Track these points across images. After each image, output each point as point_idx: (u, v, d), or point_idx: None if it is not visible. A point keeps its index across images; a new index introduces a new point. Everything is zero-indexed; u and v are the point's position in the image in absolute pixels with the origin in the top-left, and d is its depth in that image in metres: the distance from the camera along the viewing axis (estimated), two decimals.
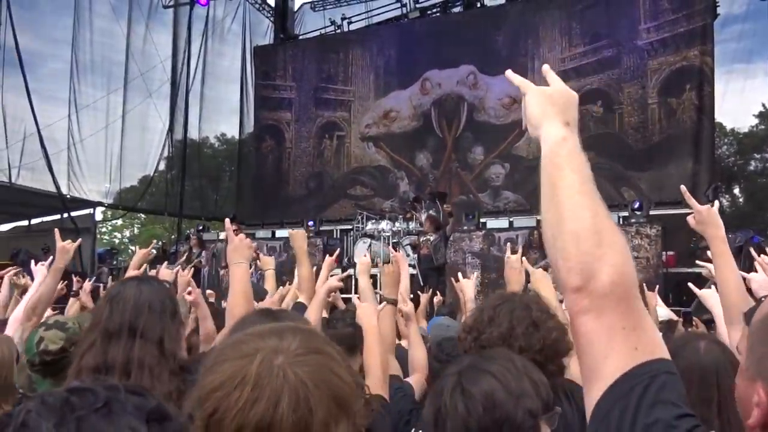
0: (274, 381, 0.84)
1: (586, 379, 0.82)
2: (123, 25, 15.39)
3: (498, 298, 1.84)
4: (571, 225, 0.88)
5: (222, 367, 0.87)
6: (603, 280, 0.83)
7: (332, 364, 0.91)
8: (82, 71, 14.63)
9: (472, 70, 15.01)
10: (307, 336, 0.94)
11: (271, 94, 17.62)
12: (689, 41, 12.80)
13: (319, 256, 11.64)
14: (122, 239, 33.67)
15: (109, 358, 1.64)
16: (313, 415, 0.84)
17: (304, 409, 0.83)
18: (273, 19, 19.10)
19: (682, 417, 0.73)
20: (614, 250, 0.86)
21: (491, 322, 1.73)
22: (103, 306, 1.74)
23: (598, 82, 13.73)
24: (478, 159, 14.80)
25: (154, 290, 1.79)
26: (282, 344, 0.89)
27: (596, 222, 0.87)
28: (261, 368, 0.85)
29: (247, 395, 0.83)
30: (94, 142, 14.76)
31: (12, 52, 12.33)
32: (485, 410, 1.24)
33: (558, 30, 14.31)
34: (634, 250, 9.56)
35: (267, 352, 0.87)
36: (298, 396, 0.84)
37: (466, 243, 10.65)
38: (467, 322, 1.86)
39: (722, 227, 2.11)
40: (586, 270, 0.84)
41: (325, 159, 16.69)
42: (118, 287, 1.80)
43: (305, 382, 0.85)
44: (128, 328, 1.68)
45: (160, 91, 16.18)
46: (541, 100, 1.06)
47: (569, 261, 0.86)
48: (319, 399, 0.85)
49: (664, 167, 12.76)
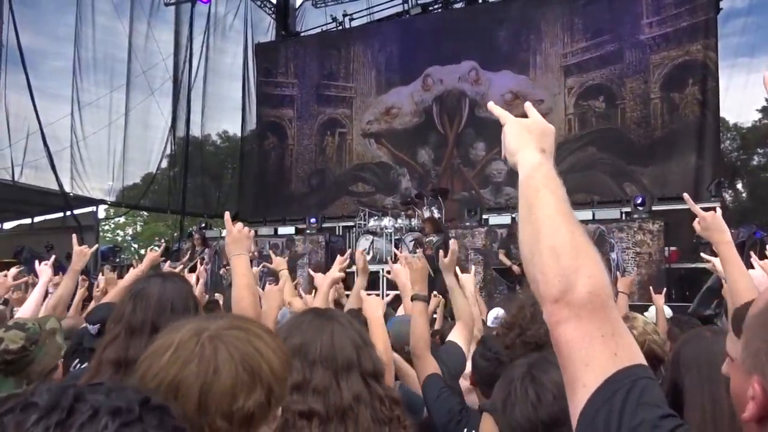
0: (190, 347, 0.96)
1: (570, 387, 0.84)
2: (125, 23, 15.40)
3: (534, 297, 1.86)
4: (548, 241, 0.91)
5: (160, 339, 1.00)
6: (580, 290, 0.86)
7: (255, 340, 1.01)
8: (85, 69, 14.65)
9: (473, 65, 14.99)
10: (237, 318, 1.07)
11: (273, 91, 17.63)
12: (692, 36, 12.77)
13: (322, 253, 11.69)
14: (125, 237, 33.74)
15: (130, 353, 1.66)
16: (218, 377, 0.94)
17: (210, 370, 0.94)
18: (275, 16, 19.10)
19: (665, 417, 0.77)
20: (590, 261, 0.89)
21: (534, 319, 1.76)
22: (127, 301, 1.78)
23: (600, 77, 13.70)
24: (479, 155, 14.78)
25: (177, 288, 1.83)
26: (212, 323, 1.01)
27: (573, 238, 0.91)
28: (183, 337, 0.97)
29: (167, 358, 0.95)
30: (96, 139, 14.77)
31: (14, 49, 12.35)
32: (555, 398, 1.30)
33: (560, 25, 14.27)
34: (637, 246, 9.56)
35: (195, 327, 0.99)
36: (207, 360, 0.95)
37: (468, 239, 10.66)
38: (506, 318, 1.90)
39: (727, 231, 2.16)
40: (564, 281, 0.87)
41: (327, 156, 16.70)
42: (142, 284, 1.84)
43: (218, 349, 0.96)
44: (151, 325, 1.70)
45: (162, 88, 16.19)
46: (519, 130, 1.13)
47: (547, 274, 0.89)
48: (228, 366, 0.95)
49: (666, 162, 12.74)
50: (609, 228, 9.80)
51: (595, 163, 13.52)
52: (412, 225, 10.84)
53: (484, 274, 10.19)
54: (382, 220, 11.21)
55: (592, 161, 13.54)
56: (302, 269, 11.74)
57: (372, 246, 10.85)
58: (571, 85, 14.01)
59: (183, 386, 0.92)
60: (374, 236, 10.95)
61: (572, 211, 0.97)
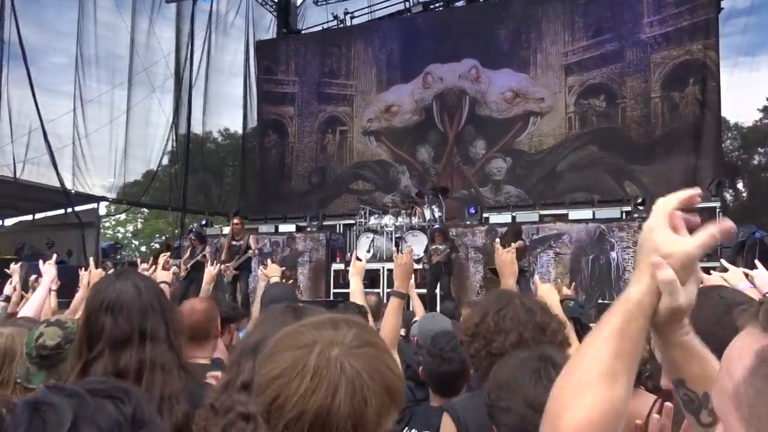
0: (332, 371, 0.90)
1: None
2: (127, 19, 15.41)
3: (498, 302, 1.81)
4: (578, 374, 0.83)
5: (282, 356, 0.93)
6: (566, 425, 0.79)
7: (384, 356, 0.97)
8: (87, 65, 14.65)
9: (474, 63, 15.00)
10: (360, 328, 1.00)
11: (274, 89, 17.64)
12: (693, 35, 12.78)
13: (322, 251, 11.72)
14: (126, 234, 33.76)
15: (121, 364, 1.61)
16: (368, 405, 0.89)
17: (360, 398, 0.89)
18: (276, 13, 19.10)
19: None
20: (591, 404, 0.80)
21: (498, 329, 1.73)
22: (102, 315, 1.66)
23: (600, 75, 13.72)
24: (479, 153, 14.80)
25: (149, 286, 1.76)
26: (338, 336, 0.95)
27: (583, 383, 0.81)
28: (319, 359, 0.91)
29: (306, 384, 0.89)
30: (98, 136, 14.78)
31: (16, 46, 12.36)
32: None
33: (561, 23, 14.28)
34: (637, 245, 9.56)
35: (324, 343, 0.93)
36: (354, 386, 0.90)
37: (468, 238, 10.69)
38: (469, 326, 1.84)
39: None
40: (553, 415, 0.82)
41: (328, 154, 16.71)
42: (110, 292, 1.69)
43: (360, 374, 0.91)
44: (139, 334, 1.65)
45: (163, 85, 16.21)
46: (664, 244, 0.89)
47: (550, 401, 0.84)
48: (374, 390, 0.91)
49: (667, 161, 12.76)
50: (609, 227, 9.82)
51: (595, 162, 13.53)
52: (413, 223, 10.86)
53: (484, 273, 10.22)
54: (382, 218, 11.24)
55: (592, 160, 13.56)
56: (303, 267, 11.78)
57: (372, 244, 10.87)
58: (572, 84, 14.02)
59: (333, 416, 0.88)
60: (375, 234, 10.97)
61: (626, 370, 0.83)
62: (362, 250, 10.96)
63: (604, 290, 9.64)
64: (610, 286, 9.61)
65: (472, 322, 1.82)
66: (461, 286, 10.37)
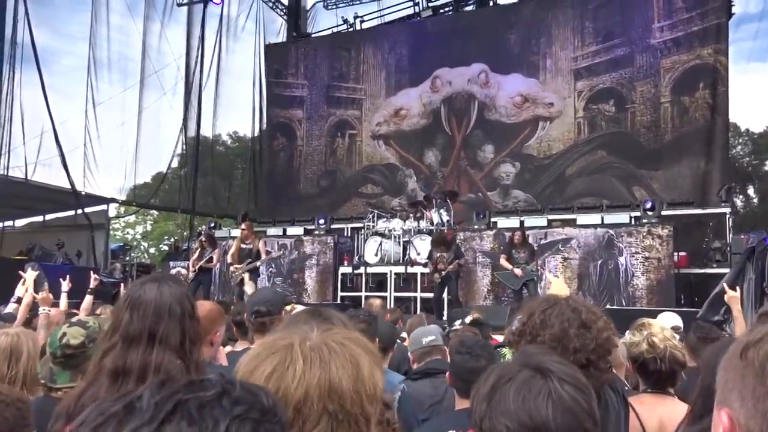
0: (318, 351, 0.96)
1: None
2: (138, 23, 15.57)
3: (545, 302, 1.85)
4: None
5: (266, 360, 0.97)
6: None
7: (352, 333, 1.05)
8: (99, 68, 14.80)
9: (483, 68, 15.00)
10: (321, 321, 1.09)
11: (283, 92, 17.71)
12: (703, 40, 12.72)
13: (330, 254, 11.73)
14: (135, 235, 33.94)
15: (128, 362, 1.64)
16: (361, 366, 0.96)
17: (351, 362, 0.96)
18: (286, 17, 19.19)
19: None
20: None
21: (543, 325, 1.77)
22: (123, 310, 1.73)
23: (610, 80, 13.68)
24: (488, 157, 14.79)
25: (173, 292, 1.77)
26: (306, 331, 1.02)
27: None
28: (303, 347, 0.97)
29: (301, 367, 0.94)
30: (109, 138, 14.91)
31: (28, 48, 12.49)
32: None
33: (571, 28, 14.26)
34: (645, 251, 9.52)
35: (300, 339, 0.99)
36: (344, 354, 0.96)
37: (476, 242, 10.67)
38: (516, 326, 1.89)
39: None
40: None
41: (338, 158, 16.75)
42: (137, 290, 1.77)
43: (343, 342, 0.98)
44: (148, 334, 1.68)
45: (174, 88, 16.33)
46: None
47: None
48: (359, 353, 0.98)
49: (676, 166, 12.70)
50: (618, 232, 9.77)
51: (604, 167, 13.48)
52: (421, 227, 10.85)
53: (492, 278, 10.20)
54: (390, 222, 11.24)
55: (601, 165, 13.52)
56: (310, 270, 11.79)
57: (380, 248, 10.87)
58: (581, 89, 13.99)
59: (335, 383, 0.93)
60: (383, 238, 10.97)
61: None
62: (370, 253, 10.97)
63: (612, 295, 9.59)
64: (618, 292, 9.57)
65: (519, 322, 1.87)
66: (469, 290, 10.36)
